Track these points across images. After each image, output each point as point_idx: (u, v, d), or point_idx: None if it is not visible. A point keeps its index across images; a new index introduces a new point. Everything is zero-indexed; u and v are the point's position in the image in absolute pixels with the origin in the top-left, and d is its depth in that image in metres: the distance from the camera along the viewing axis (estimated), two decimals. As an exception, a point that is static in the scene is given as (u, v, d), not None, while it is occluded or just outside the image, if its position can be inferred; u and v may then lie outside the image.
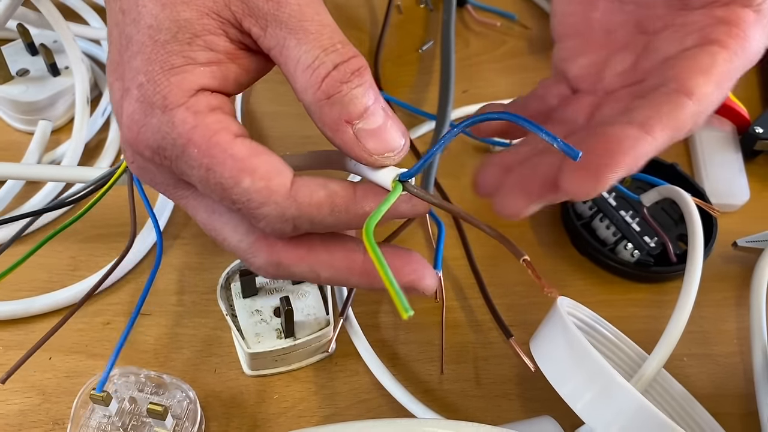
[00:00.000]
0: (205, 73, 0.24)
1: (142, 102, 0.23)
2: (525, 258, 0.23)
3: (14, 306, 0.37)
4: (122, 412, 0.32)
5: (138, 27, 0.24)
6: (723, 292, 0.42)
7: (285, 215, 0.24)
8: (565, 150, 0.22)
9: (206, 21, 0.23)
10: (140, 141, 0.24)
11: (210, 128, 0.23)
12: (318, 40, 0.23)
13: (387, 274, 0.20)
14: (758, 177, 0.48)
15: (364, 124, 0.24)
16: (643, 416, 0.28)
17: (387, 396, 0.35)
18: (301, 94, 0.24)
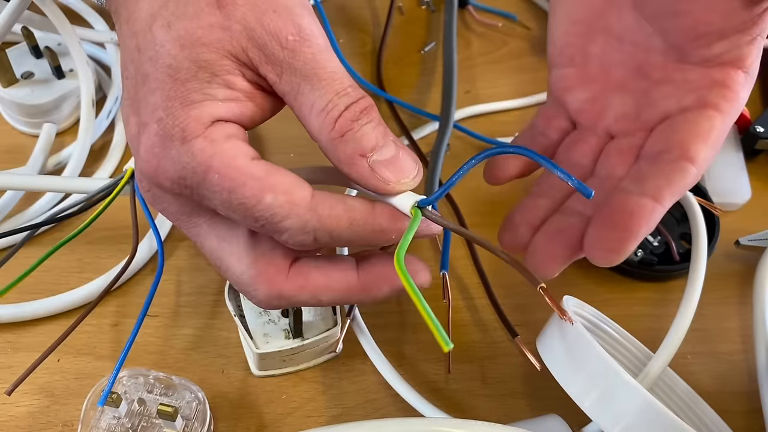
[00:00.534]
0: (223, 107, 0.25)
1: (161, 135, 0.24)
2: (542, 286, 0.24)
3: (22, 308, 0.37)
4: (132, 413, 0.33)
5: (156, 65, 0.25)
6: (726, 290, 0.42)
7: (306, 227, 0.25)
8: (579, 188, 0.24)
9: (225, 62, 0.25)
10: (160, 173, 0.25)
11: (228, 154, 0.24)
12: (331, 85, 0.25)
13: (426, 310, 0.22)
14: (759, 176, 0.48)
15: (378, 155, 0.25)
16: (651, 414, 0.28)
17: (394, 396, 0.35)
18: (316, 135, 0.26)
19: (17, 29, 0.46)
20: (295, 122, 0.26)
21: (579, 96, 0.35)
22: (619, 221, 0.29)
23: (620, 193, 0.30)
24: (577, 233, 0.30)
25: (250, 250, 0.27)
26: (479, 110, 0.51)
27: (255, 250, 0.27)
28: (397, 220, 0.26)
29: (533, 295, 0.41)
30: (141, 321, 0.32)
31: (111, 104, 0.47)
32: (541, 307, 0.40)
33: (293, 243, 0.26)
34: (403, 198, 0.26)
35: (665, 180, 0.29)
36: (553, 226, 0.32)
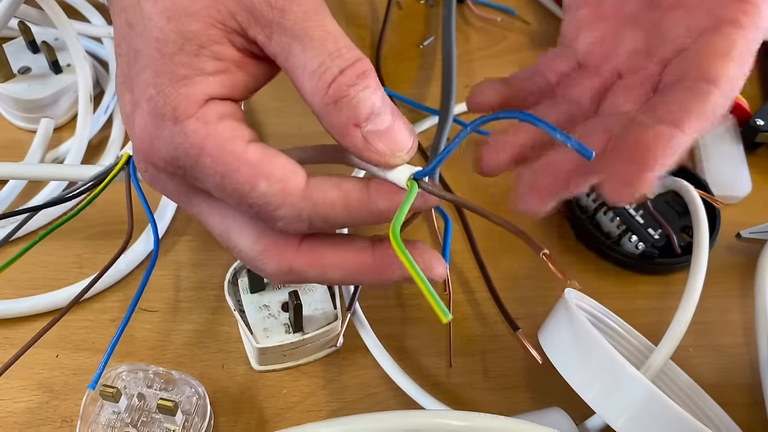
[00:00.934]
0: (214, 83, 0.24)
1: (153, 114, 0.24)
2: (545, 252, 0.23)
3: (20, 304, 0.37)
4: (131, 408, 0.32)
5: (145, 40, 0.24)
6: (727, 283, 0.42)
7: (301, 215, 0.24)
8: (579, 150, 0.23)
9: (212, 31, 0.24)
10: (153, 153, 0.24)
11: (222, 136, 0.23)
12: (323, 45, 0.23)
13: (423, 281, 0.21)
14: (760, 169, 0.48)
15: (373, 125, 0.24)
16: (654, 405, 0.28)
17: (395, 389, 0.35)
18: (308, 99, 0.24)
19: (14, 24, 0.46)
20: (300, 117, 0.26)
21: (589, 37, 0.34)
22: (635, 153, 0.27)
23: (635, 126, 0.28)
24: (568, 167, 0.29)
25: (256, 224, 0.26)
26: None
27: (261, 223, 0.26)
28: (393, 200, 0.25)
29: (534, 289, 0.41)
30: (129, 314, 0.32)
31: (109, 99, 0.46)
32: (543, 300, 0.40)
33: (289, 230, 0.25)
34: (398, 171, 0.25)
35: (682, 104, 0.27)
36: (542, 161, 0.30)
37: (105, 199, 0.42)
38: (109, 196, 0.43)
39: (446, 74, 0.48)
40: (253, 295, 0.36)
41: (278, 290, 0.36)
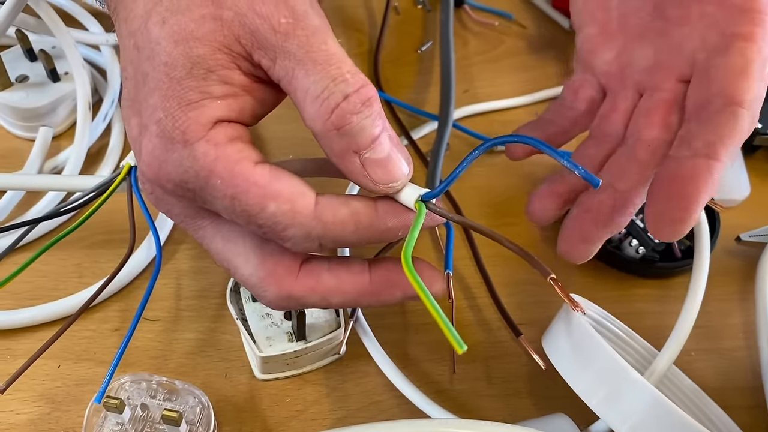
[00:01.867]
0: (222, 106, 0.24)
1: (161, 138, 0.24)
2: (552, 276, 0.23)
3: (21, 314, 0.37)
4: (135, 419, 0.32)
5: (153, 64, 0.24)
6: (728, 286, 0.42)
7: (311, 235, 0.24)
8: (587, 178, 0.23)
9: (219, 56, 0.24)
10: (162, 176, 0.25)
11: (231, 158, 0.24)
12: (326, 70, 0.23)
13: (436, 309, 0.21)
14: (758, 172, 0.49)
15: (371, 154, 0.24)
16: (659, 410, 0.28)
17: (399, 397, 0.35)
18: (309, 123, 0.24)
19: (11, 32, 0.46)
20: (295, 123, 0.26)
21: (604, 57, 0.34)
22: (676, 190, 0.27)
23: (671, 161, 0.28)
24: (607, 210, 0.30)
25: (257, 251, 0.27)
26: (478, 109, 0.51)
27: (263, 250, 0.27)
28: (401, 218, 0.26)
29: (536, 294, 0.41)
30: (134, 326, 0.32)
31: (107, 107, 0.46)
32: (545, 306, 0.40)
33: (298, 249, 0.25)
34: (406, 192, 0.25)
35: (714, 133, 0.28)
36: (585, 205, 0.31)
37: (105, 209, 0.42)
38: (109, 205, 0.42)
39: (445, 79, 0.48)
40: (256, 303, 0.36)
41: (281, 298, 0.36)
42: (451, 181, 0.25)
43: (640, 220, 0.42)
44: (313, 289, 0.27)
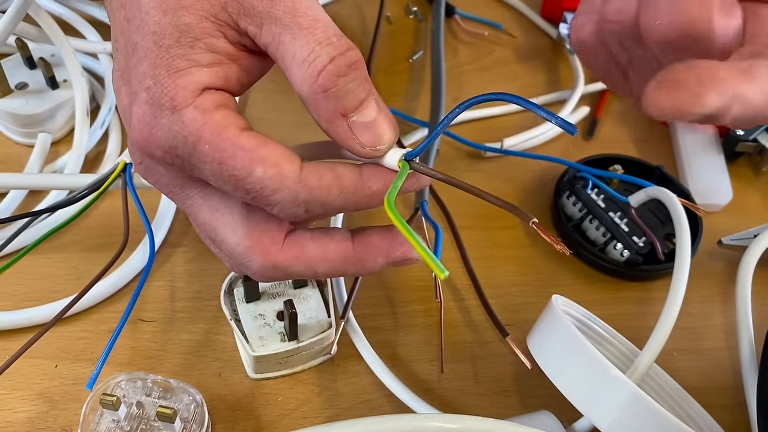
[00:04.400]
0: (209, 74, 0.24)
1: (151, 104, 0.24)
2: (534, 221, 0.24)
3: (18, 316, 0.37)
4: (131, 416, 0.33)
5: (143, 33, 0.24)
6: (709, 288, 0.44)
7: (297, 199, 0.25)
8: (563, 126, 0.23)
9: (205, 24, 0.24)
10: (151, 142, 0.25)
11: (218, 124, 0.24)
12: (312, 33, 0.24)
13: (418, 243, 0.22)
14: (740, 177, 0.50)
15: (359, 117, 0.25)
16: (640, 407, 0.29)
17: (389, 395, 0.36)
18: (297, 87, 0.25)
19: (11, 41, 0.47)
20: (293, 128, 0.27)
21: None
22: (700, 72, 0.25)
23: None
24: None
25: (244, 221, 0.27)
26: (467, 117, 0.52)
27: (250, 220, 0.27)
28: (386, 181, 0.26)
29: (523, 296, 0.42)
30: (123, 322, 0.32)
31: (105, 114, 0.47)
32: (531, 307, 0.41)
33: (285, 215, 0.26)
34: (390, 154, 0.26)
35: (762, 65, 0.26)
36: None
37: (102, 212, 0.43)
38: (106, 209, 0.44)
39: (435, 87, 0.49)
40: (249, 304, 0.37)
41: (273, 299, 0.37)
42: (432, 139, 0.26)
43: (624, 224, 0.44)
44: (298, 258, 0.27)
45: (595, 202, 0.45)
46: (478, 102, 0.26)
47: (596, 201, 0.45)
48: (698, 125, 0.52)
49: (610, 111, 0.55)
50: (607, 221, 0.44)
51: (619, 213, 0.44)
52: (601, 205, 0.45)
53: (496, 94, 0.25)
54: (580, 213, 0.45)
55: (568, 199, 0.45)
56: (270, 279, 0.28)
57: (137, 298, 0.33)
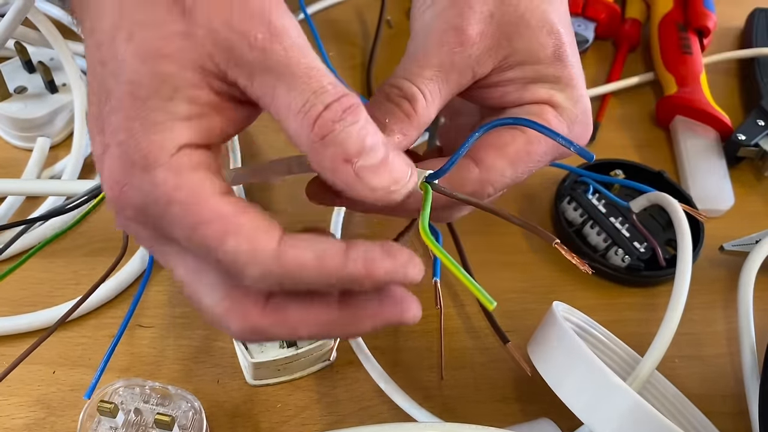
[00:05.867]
0: (188, 129, 0.23)
1: (123, 160, 0.23)
2: (557, 242, 0.23)
3: (17, 321, 0.37)
4: (128, 423, 0.33)
5: (118, 81, 0.23)
6: (711, 294, 0.43)
7: (270, 277, 0.23)
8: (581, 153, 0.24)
9: (189, 75, 0.23)
10: (123, 200, 0.24)
11: (192, 187, 0.23)
12: (307, 83, 0.23)
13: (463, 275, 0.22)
14: (742, 182, 0.50)
15: (365, 161, 0.23)
16: (641, 415, 0.29)
17: (388, 402, 0.36)
18: (295, 139, 0.23)
19: (10, 45, 0.46)
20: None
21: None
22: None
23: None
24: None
25: (223, 282, 0.25)
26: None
27: (228, 281, 0.25)
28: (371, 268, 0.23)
29: (523, 302, 0.42)
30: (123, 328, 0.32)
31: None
32: (532, 314, 0.41)
33: (257, 288, 0.24)
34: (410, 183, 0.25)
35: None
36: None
37: (102, 218, 0.43)
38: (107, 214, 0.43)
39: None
40: (248, 310, 0.36)
41: (272, 306, 0.37)
42: (454, 162, 0.25)
43: (626, 229, 0.43)
44: (279, 323, 0.25)
45: (596, 207, 0.44)
46: (497, 125, 0.26)
47: (597, 206, 0.45)
48: (699, 129, 0.52)
49: (612, 116, 0.54)
50: (608, 227, 0.44)
51: (620, 218, 0.44)
52: (602, 211, 0.44)
53: (514, 119, 0.26)
54: (580, 218, 0.45)
55: (568, 204, 0.45)
56: (251, 341, 0.27)
57: (137, 303, 0.33)
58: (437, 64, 0.29)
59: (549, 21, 0.29)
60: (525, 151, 0.29)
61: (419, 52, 0.30)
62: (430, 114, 0.29)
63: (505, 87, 0.30)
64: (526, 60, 0.29)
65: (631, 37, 0.58)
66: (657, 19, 0.58)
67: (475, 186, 0.29)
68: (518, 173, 0.30)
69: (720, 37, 0.60)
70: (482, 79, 0.30)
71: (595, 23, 0.58)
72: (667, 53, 0.55)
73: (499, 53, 0.29)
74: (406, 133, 0.29)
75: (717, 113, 0.51)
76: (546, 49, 0.29)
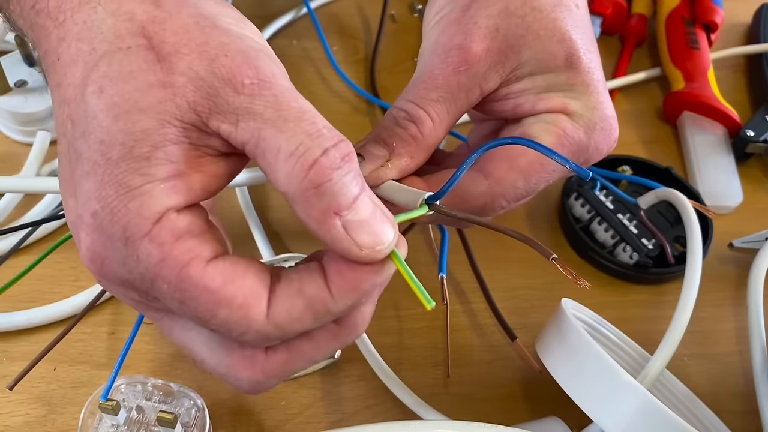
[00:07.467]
0: (167, 191, 0.21)
1: (100, 233, 0.21)
2: (554, 257, 0.23)
3: (17, 317, 0.37)
4: (130, 421, 0.32)
5: (88, 142, 0.21)
6: (720, 292, 0.43)
7: (268, 338, 0.23)
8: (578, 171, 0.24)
9: (167, 130, 0.21)
10: (105, 273, 0.23)
11: (178, 261, 0.21)
12: (299, 126, 0.21)
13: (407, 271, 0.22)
14: (751, 179, 0.49)
15: (353, 215, 0.22)
16: (651, 414, 0.28)
17: (394, 400, 0.35)
18: (282, 184, 0.22)
19: (10, 38, 0.46)
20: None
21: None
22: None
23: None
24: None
25: (220, 340, 0.24)
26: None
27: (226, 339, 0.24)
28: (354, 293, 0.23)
29: (531, 299, 0.41)
30: (137, 328, 0.32)
31: (105, 112, 0.47)
32: (539, 310, 0.40)
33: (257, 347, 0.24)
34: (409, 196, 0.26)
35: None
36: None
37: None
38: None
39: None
40: (252, 307, 0.36)
41: (276, 302, 0.36)
42: (452, 183, 0.25)
43: (633, 226, 0.43)
44: (287, 362, 0.24)
45: (604, 203, 0.44)
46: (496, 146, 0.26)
47: (604, 202, 0.44)
48: (707, 125, 0.51)
49: (619, 111, 0.53)
50: (616, 223, 0.43)
51: (628, 215, 0.43)
52: (610, 207, 0.44)
53: (512, 138, 0.26)
54: (588, 215, 0.44)
55: (576, 201, 0.45)
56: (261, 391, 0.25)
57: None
58: (443, 85, 0.29)
59: (560, 29, 0.29)
60: (538, 162, 0.29)
61: (425, 72, 0.30)
62: (438, 135, 0.29)
63: (516, 98, 0.30)
64: (536, 70, 0.29)
65: (637, 33, 0.58)
66: (664, 14, 0.57)
67: (486, 199, 0.29)
68: (532, 184, 0.29)
69: (727, 33, 0.59)
70: (492, 93, 0.30)
71: (602, 18, 0.57)
72: (675, 48, 0.55)
73: (507, 66, 0.29)
74: (413, 156, 0.29)
75: (725, 109, 0.51)
76: (557, 57, 0.29)
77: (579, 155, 0.30)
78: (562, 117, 0.29)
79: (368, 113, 0.51)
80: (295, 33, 0.56)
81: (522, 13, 0.29)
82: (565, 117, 0.29)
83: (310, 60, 0.54)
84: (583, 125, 0.29)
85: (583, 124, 0.29)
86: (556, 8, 0.29)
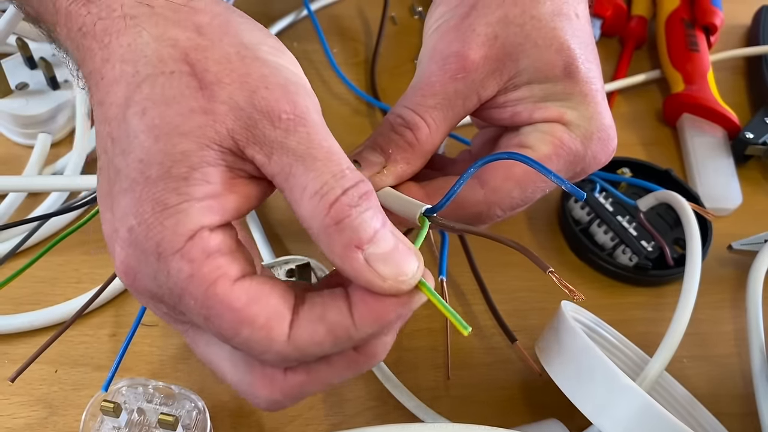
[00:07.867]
0: (202, 210, 0.22)
1: (134, 247, 0.22)
2: (551, 270, 0.24)
3: (18, 319, 0.37)
4: (131, 423, 0.32)
5: (127, 160, 0.22)
6: (720, 294, 0.43)
7: (287, 359, 0.23)
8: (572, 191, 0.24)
9: (206, 153, 0.22)
10: (137, 286, 0.23)
11: (206, 278, 0.22)
12: (327, 166, 0.23)
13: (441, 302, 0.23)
14: (750, 181, 0.49)
15: (375, 248, 0.23)
16: (650, 416, 0.28)
17: (394, 403, 0.35)
18: (307, 221, 0.23)
19: (12, 40, 0.46)
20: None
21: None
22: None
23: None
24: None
25: (243, 357, 0.25)
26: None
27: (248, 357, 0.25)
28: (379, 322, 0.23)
29: (531, 301, 0.41)
30: (136, 326, 0.32)
31: (106, 114, 0.47)
32: (539, 313, 0.40)
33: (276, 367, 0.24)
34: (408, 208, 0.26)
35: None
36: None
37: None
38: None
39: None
40: (252, 309, 0.36)
41: (277, 304, 0.36)
42: (450, 197, 0.26)
43: (633, 228, 0.43)
44: (305, 383, 0.25)
45: (603, 205, 0.44)
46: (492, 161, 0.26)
47: (604, 205, 0.44)
48: (707, 127, 0.51)
49: (618, 113, 0.54)
50: (616, 225, 0.43)
51: (628, 217, 0.43)
52: (609, 209, 0.44)
53: (508, 153, 0.26)
54: (587, 217, 0.44)
55: (575, 203, 0.45)
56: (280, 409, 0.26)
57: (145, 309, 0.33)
58: (440, 92, 0.29)
59: (558, 39, 0.29)
60: (534, 173, 0.29)
61: (423, 79, 0.30)
62: (434, 142, 0.30)
63: (514, 107, 0.30)
64: (533, 79, 0.29)
65: (637, 35, 0.58)
66: (664, 16, 0.58)
67: (481, 207, 0.29)
68: (527, 194, 0.30)
69: (726, 35, 0.59)
70: (490, 101, 0.30)
71: (601, 20, 0.57)
72: (674, 50, 0.55)
73: (505, 75, 0.29)
74: (410, 162, 0.29)
75: (725, 111, 0.51)
76: (554, 67, 0.29)
77: (575, 165, 0.30)
78: (559, 127, 0.29)
79: (368, 115, 0.52)
80: (296, 35, 0.56)
81: (521, 21, 0.29)
82: (561, 127, 0.29)
83: (310, 62, 0.54)
84: (580, 135, 0.29)
85: (580, 134, 0.29)
86: (555, 18, 0.29)
